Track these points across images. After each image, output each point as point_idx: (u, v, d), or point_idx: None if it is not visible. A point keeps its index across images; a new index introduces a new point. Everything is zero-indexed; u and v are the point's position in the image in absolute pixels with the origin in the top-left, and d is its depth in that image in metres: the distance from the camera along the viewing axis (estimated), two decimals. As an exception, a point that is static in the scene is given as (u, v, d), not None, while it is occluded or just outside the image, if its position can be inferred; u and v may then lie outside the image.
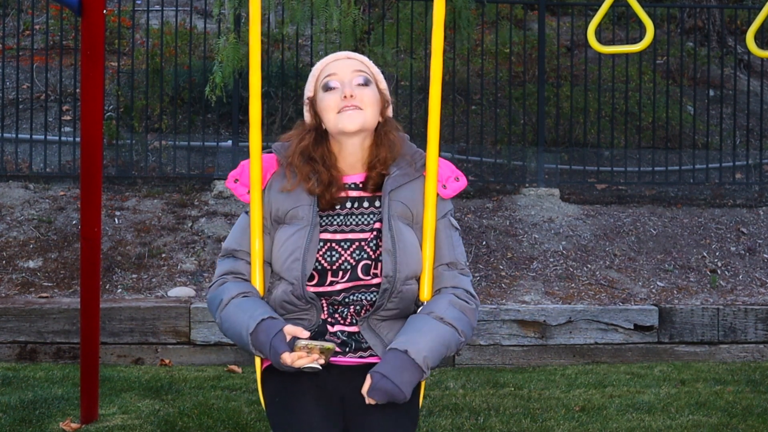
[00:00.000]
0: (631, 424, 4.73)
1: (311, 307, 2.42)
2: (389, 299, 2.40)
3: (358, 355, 2.43)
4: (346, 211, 2.45)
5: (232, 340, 2.43)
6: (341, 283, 2.42)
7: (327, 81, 2.44)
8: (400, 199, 2.45)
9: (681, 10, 9.51)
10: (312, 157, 2.45)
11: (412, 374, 2.30)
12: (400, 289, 2.40)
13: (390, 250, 2.39)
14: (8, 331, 5.96)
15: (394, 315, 2.43)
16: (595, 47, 3.90)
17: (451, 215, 2.52)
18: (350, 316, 2.43)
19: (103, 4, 3.89)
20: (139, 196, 7.62)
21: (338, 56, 2.51)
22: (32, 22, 8.50)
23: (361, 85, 2.43)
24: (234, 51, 7.06)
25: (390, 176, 2.45)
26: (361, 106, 2.40)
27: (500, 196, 7.97)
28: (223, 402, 4.98)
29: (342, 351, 2.43)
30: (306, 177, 2.43)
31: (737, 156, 8.63)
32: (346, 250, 2.42)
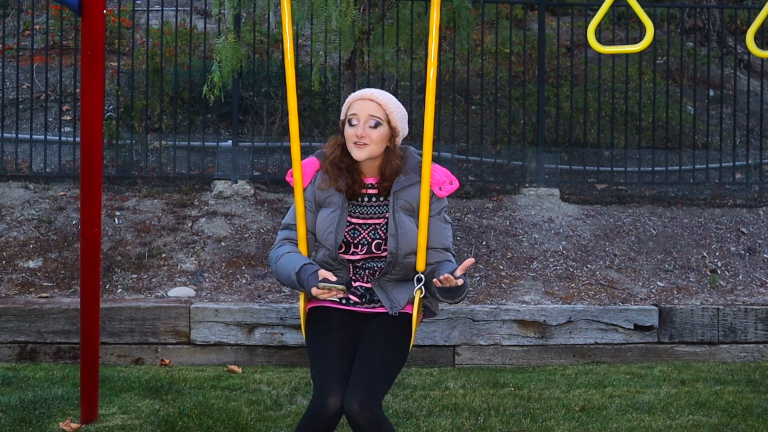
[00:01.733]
0: (631, 424, 4.73)
1: (342, 267, 3.37)
2: (393, 268, 3.35)
3: (371, 306, 3.40)
4: (365, 203, 3.41)
5: (283, 280, 3.37)
6: (360, 254, 3.38)
7: (350, 118, 3.35)
8: (404, 198, 3.38)
9: (681, 10, 9.51)
10: (339, 167, 3.38)
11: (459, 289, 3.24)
12: (402, 262, 3.34)
13: (393, 234, 3.34)
14: (8, 331, 5.96)
15: (397, 278, 3.38)
16: (595, 47, 3.90)
17: (445, 212, 3.43)
18: (366, 277, 3.40)
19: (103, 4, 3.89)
20: (139, 196, 7.62)
21: (363, 96, 3.37)
22: (32, 22, 8.50)
23: (372, 127, 3.32)
24: (233, 51, 7.06)
25: (397, 182, 3.39)
26: (368, 143, 3.32)
27: (500, 196, 7.97)
28: (223, 402, 4.98)
29: (361, 302, 3.39)
30: (335, 179, 3.38)
31: (737, 156, 8.62)
32: (364, 230, 3.38)
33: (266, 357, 6.11)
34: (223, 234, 7.13)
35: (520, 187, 8.05)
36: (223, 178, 7.82)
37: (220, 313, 6.09)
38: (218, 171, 8.01)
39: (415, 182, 3.38)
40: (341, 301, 3.41)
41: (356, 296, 3.41)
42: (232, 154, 7.93)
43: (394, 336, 3.34)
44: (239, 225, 7.27)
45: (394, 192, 3.37)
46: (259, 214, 7.43)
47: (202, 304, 6.15)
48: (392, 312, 3.35)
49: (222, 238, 7.09)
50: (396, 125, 3.37)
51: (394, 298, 3.37)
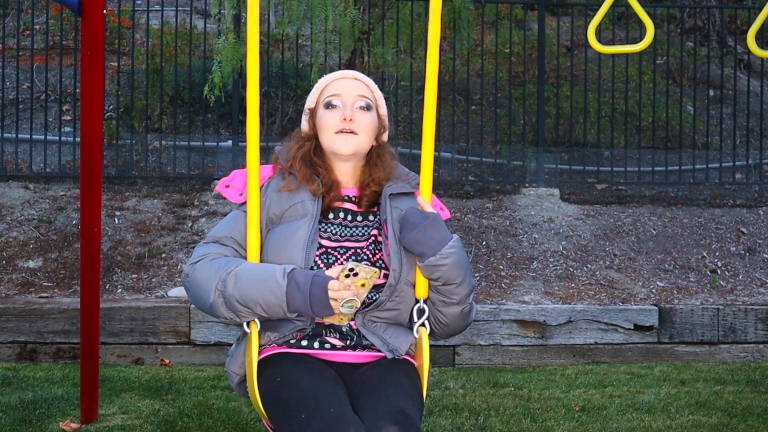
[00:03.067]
0: (631, 424, 4.73)
1: None
2: (390, 297, 2.41)
3: (358, 352, 2.44)
4: (340, 221, 2.50)
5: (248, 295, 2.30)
6: None
7: (330, 99, 2.51)
8: (399, 206, 2.51)
9: (681, 10, 9.51)
10: (313, 162, 2.51)
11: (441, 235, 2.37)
12: (401, 288, 2.42)
13: (396, 250, 2.44)
14: (8, 331, 5.96)
15: (392, 316, 2.45)
16: (595, 47, 3.90)
17: None
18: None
19: (103, 4, 3.89)
20: (139, 196, 7.62)
21: (345, 74, 2.58)
22: (32, 22, 8.50)
23: (363, 108, 2.50)
24: (233, 51, 7.06)
25: (389, 185, 2.53)
26: (357, 131, 2.48)
27: (500, 196, 7.97)
28: (223, 402, 4.99)
29: (343, 344, 2.42)
30: (309, 179, 2.48)
31: (737, 156, 8.63)
32: (341, 255, 2.44)
33: (266, 357, 6.11)
34: (223, 234, 7.13)
35: (520, 187, 8.05)
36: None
37: (220, 313, 6.08)
38: (218, 171, 8.01)
39: (409, 192, 2.56)
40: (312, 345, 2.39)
41: (335, 338, 2.40)
42: (232, 154, 7.93)
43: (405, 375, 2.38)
44: (239, 225, 7.26)
45: (390, 194, 2.52)
46: (259, 214, 7.43)
47: (202, 304, 6.15)
48: (391, 356, 2.42)
49: (222, 238, 7.09)
50: (383, 114, 2.60)
51: (390, 341, 2.42)
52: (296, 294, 2.27)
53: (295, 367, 2.31)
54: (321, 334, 2.42)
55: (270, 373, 2.33)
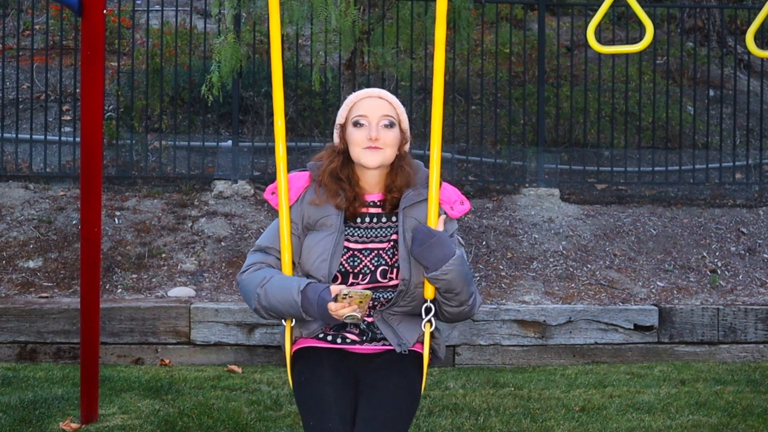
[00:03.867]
0: (631, 424, 4.73)
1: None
2: (403, 299, 2.82)
3: (373, 345, 2.86)
4: (366, 225, 2.88)
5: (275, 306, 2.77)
6: (362, 284, 2.82)
7: (358, 119, 2.86)
8: (414, 216, 2.86)
9: (681, 10, 9.51)
10: (340, 178, 2.87)
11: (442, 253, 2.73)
12: (414, 291, 2.82)
13: (406, 258, 2.81)
14: (8, 331, 5.96)
15: (405, 311, 2.86)
16: (595, 47, 3.90)
17: (457, 233, 2.91)
18: (369, 310, 2.83)
19: (103, 4, 3.89)
20: (139, 196, 7.62)
21: (371, 94, 2.90)
22: (32, 22, 8.50)
23: (386, 126, 2.85)
24: (232, 51, 7.06)
25: (405, 196, 2.87)
26: (382, 146, 2.83)
27: (500, 196, 7.97)
28: (223, 402, 4.99)
29: (360, 340, 2.85)
30: (334, 194, 2.85)
31: (737, 156, 8.63)
32: (366, 257, 2.84)
33: (266, 357, 6.11)
34: (223, 234, 7.14)
35: (520, 187, 8.05)
36: (223, 178, 7.82)
37: (220, 313, 6.09)
38: (218, 171, 8.01)
39: (425, 198, 2.86)
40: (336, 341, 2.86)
41: (354, 334, 2.85)
42: (232, 154, 7.93)
43: (404, 376, 2.80)
44: (239, 225, 7.27)
45: (403, 209, 2.85)
46: (259, 214, 7.43)
47: (202, 304, 6.15)
48: (400, 350, 2.83)
49: (222, 238, 7.09)
50: (405, 128, 2.93)
51: (402, 335, 2.84)
52: (309, 307, 2.72)
53: (318, 369, 2.78)
54: (345, 324, 2.84)
55: (299, 368, 2.83)
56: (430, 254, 2.73)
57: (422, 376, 2.85)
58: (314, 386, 2.75)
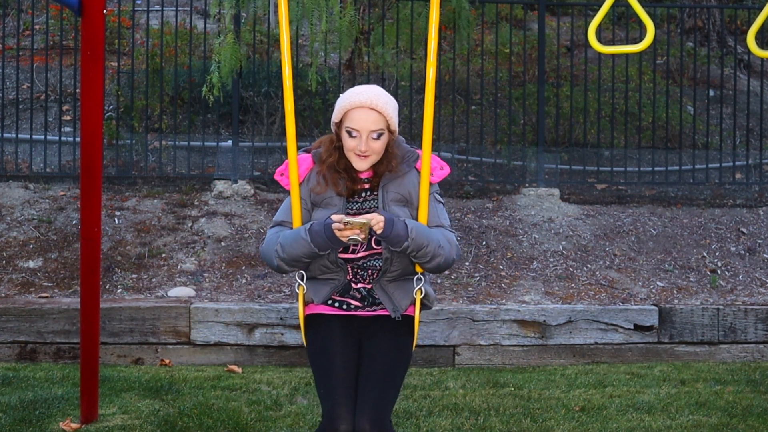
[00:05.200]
0: (631, 424, 4.73)
1: (340, 270, 3.28)
2: (391, 264, 3.25)
3: (372, 309, 3.31)
4: (362, 199, 3.31)
5: (291, 253, 3.21)
6: (360, 252, 3.26)
7: (350, 130, 3.23)
8: (393, 189, 3.29)
9: (681, 10, 9.51)
10: (337, 170, 3.28)
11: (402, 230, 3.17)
12: (399, 256, 3.22)
13: None
14: (8, 331, 5.96)
15: (398, 275, 3.28)
16: (596, 47, 3.90)
17: (436, 193, 3.34)
18: (368, 277, 3.29)
19: (103, 4, 3.89)
20: (139, 196, 7.62)
21: (363, 104, 3.23)
22: (32, 22, 8.50)
23: (375, 138, 3.23)
24: (231, 51, 7.05)
25: (384, 176, 3.30)
26: (370, 154, 3.24)
27: (500, 196, 7.97)
28: (223, 402, 4.99)
29: (362, 305, 3.30)
30: (335, 183, 3.27)
31: (737, 156, 8.62)
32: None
33: (266, 357, 6.11)
34: (223, 234, 7.13)
35: (520, 187, 8.05)
36: (223, 178, 7.82)
37: (220, 313, 6.09)
38: (218, 171, 8.01)
39: (404, 173, 3.31)
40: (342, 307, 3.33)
41: (356, 300, 3.32)
42: (232, 154, 7.93)
43: (397, 342, 3.30)
44: (239, 225, 7.27)
45: (382, 186, 3.29)
46: (259, 214, 7.43)
47: (202, 304, 6.15)
48: (395, 316, 3.29)
49: (222, 238, 7.09)
50: (394, 128, 3.30)
51: (396, 301, 3.30)
52: (318, 239, 3.16)
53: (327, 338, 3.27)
54: (349, 290, 3.30)
55: (312, 335, 3.32)
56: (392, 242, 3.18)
57: (413, 336, 3.33)
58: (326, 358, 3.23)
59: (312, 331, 3.35)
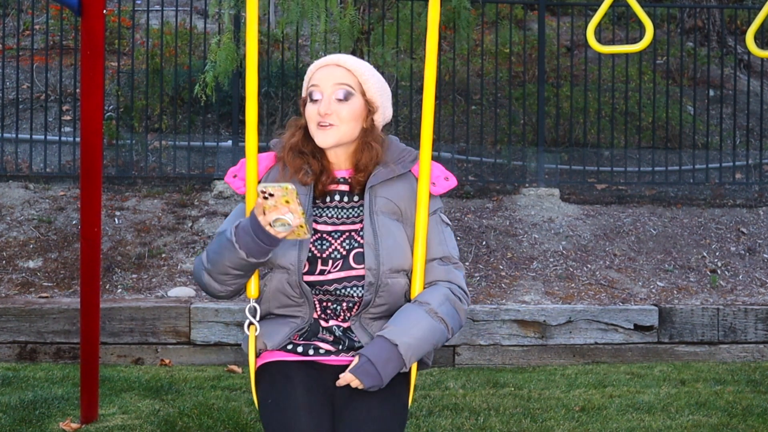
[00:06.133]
0: (631, 424, 4.73)
1: (304, 302, 2.46)
2: (377, 294, 2.43)
3: (350, 354, 2.46)
4: (335, 204, 2.52)
5: (217, 261, 2.40)
6: (333, 272, 2.45)
7: (311, 91, 2.50)
8: (384, 195, 2.50)
9: (681, 10, 9.51)
10: (302, 152, 2.52)
11: (395, 366, 2.35)
12: (386, 281, 2.43)
13: (371, 244, 2.44)
14: (8, 331, 5.96)
15: (384, 312, 2.46)
16: (595, 47, 3.90)
17: (441, 212, 2.57)
18: (343, 313, 2.46)
19: (103, 4, 3.89)
20: (139, 196, 7.62)
21: (327, 62, 2.53)
22: (32, 22, 8.50)
23: (340, 100, 2.47)
24: (227, 52, 7.05)
25: (374, 174, 2.51)
26: (335, 122, 2.46)
27: (500, 196, 7.97)
28: (223, 402, 4.99)
29: (335, 350, 2.47)
30: (297, 169, 2.50)
31: (737, 156, 8.63)
32: (336, 239, 2.47)
33: (266, 357, 6.11)
34: (223, 234, 7.14)
35: (520, 187, 8.05)
36: (224, 178, 7.81)
37: (220, 313, 6.09)
38: (218, 171, 8.01)
39: (398, 174, 2.54)
40: (307, 352, 2.46)
41: (327, 343, 2.46)
42: (232, 154, 7.93)
43: (388, 394, 2.39)
44: (239, 225, 7.27)
45: (370, 187, 2.50)
46: (259, 214, 7.43)
47: (202, 304, 6.15)
48: None
49: (222, 238, 7.09)
50: (372, 98, 2.53)
51: None
52: (244, 238, 2.32)
53: (287, 390, 2.38)
54: (317, 332, 2.48)
55: (265, 387, 2.44)
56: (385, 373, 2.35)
57: (409, 390, 2.48)
58: (284, 412, 2.34)
59: (264, 385, 2.44)
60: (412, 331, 2.37)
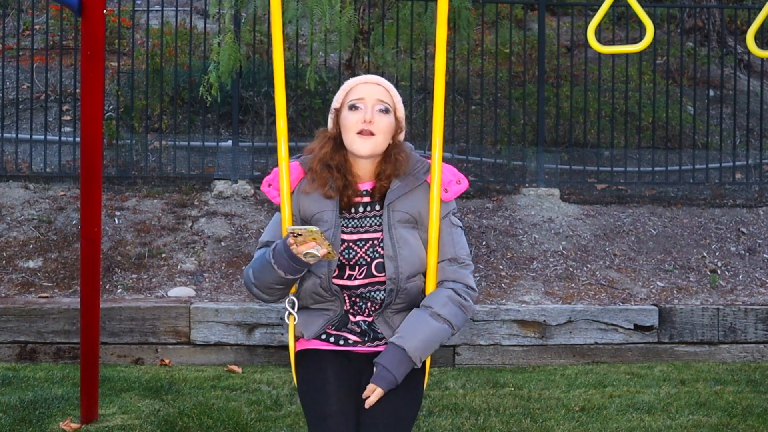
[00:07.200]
0: (631, 424, 4.73)
1: (336, 299, 2.82)
2: (396, 297, 2.79)
3: (375, 344, 2.84)
4: (360, 215, 2.84)
5: (260, 278, 2.77)
6: (359, 279, 2.80)
7: (354, 102, 2.81)
8: (401, 209, 2.82)
9: (681, 10, 9.51)
10: (329, 165, 2.81)
11: (407, 367, 2.75)
12: (404, 287, 2.78)
13: (391, 256, 2.78)
14: (8, 331, 5.96)
15: (403, 308, 2.82)
16: (595, 47, 3.90)
17: (452, 214, 2.91)
18: (368, 310, 2.83)
19: (103, 4, 3.89)
20: (139, 196, 7.62)
21: (369, 80, 2.86)
22: (32, 22, 8.50)
23: (382, 111, 2.80)
24: (230, 51, 7.05)
25: (391, 190, 2.82)
26: (375, 131, 2.78)
27: (500, 196, 7.97)
28: (223, 402, 4.99)
29: (361, 341, 2.84)
30: (324, 182, 2.80)
31: (737, 156, 8.62)
32: (361, 248, 2.80)
33: (266, 357, 6.11)
34: (223, 234, 7.13)
35: (520, 187, 8.05)
36: (223, 178, 7.82)
37: (220, 313, 6.09)
38: (218, 171, 8.01)
39: (415, 186, 2.83)
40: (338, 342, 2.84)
41: (355, 334, 2.83)
42: (232, 154, 7.93)
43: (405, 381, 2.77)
44: (239, 225, 7.27)
45: (388, 204, 2.80)
46: (259, 214, 7.43)
47: (202, 304, 6.15)
48: None
49: (222, 238, 7.09)
50: (401, 117, 2.87)
51: None
52: (281, 261, 2.70)
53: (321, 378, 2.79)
54: (346, 323, 2.84)
55: (303, 374, 2.85)
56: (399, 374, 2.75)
57: (424, 375, 2.85)
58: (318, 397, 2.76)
59: (302, 370, 2.85)
60: (418, 335, 2.74)
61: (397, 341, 2.74)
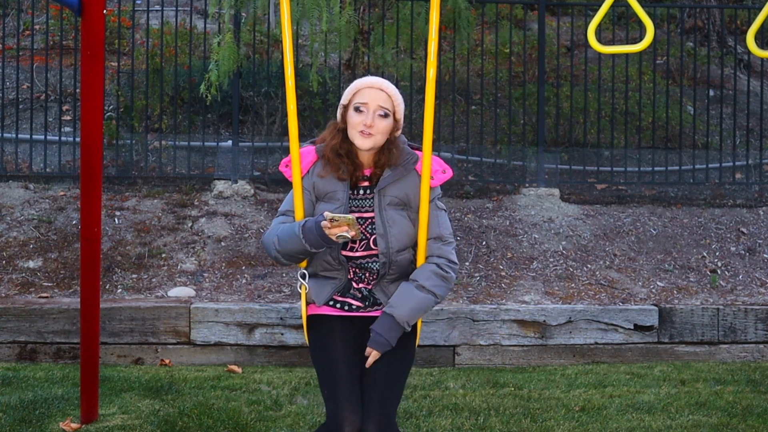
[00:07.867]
0: (631, 424, 4.73)
1: (342, 268, 3.30)
2: (389, 268, 3.29)
3: (374, 309, 3.33)
4: (361, 196, 3.32)
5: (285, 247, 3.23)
6: (360, 251, 3.29)
7: (359, 105, 3.28)
8: (390, 194, 3.29)
9: (681, 10, 9.51)
10: (339, 153, 3.30)
11: (397, 332, 3.26)
12: (395, 259, 3.28)
13: (382, 234, 3.27)
14: (8, 331, 5.96)
15: (396, 278, 3.33)
16: (595, 47, 3.90)
17: (438, 199, 3.34)
18: (366, 279, 3.32)
19: (103, 4, 3.89)
20: (139, 196, 7.62)
21: (374, 84, 3.30)
22: (32, 22, 8.50)
23: (381, 116, 3.27)
24: (230, 51, 7.05)
25: (383, 178, 3.30)
26: (374, 132, 3.26)
27: (500, 196, 7.97)
28: (223, 402, 4.99)
29: (363, 305, 3.33)
30: (336, 168, 3.29)
31: (737, 156, 8.62)
32: (362, 225, 3.28)
33: (266, 357, 6.11)
34: (223, 234, 7.13)
35: (520, 187, 8.05)
36: (223, 178, 7.82)
37: (220, 313, 6.09)
38: (218, 171, 8.01)
39: (402, 177, 3.31)
40: (344, 308, 3.34)
41: (357, 299, 3.34)
42: (232, 154, 7.93)
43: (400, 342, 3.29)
44: (239, 225, 7.27)
45: (378, 190, 3.30)
46: (259, 214, 7.43)
47: (202, 304, 6.15)
48: None
49: (222, 238, 7.09)
50: (399, 118, 3.33)
51: None
52: (310, 237, 3.17)
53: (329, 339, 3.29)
54: (349, 290, 3.33)
55: (314, 336, 3.35)
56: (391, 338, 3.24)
57: (415, 335, 3.35)
58: (328, 359, 3.26)
59: (314, 332, 3.36)
60: (406, 305, 3.25)
61: (388, 310, 3.25)
